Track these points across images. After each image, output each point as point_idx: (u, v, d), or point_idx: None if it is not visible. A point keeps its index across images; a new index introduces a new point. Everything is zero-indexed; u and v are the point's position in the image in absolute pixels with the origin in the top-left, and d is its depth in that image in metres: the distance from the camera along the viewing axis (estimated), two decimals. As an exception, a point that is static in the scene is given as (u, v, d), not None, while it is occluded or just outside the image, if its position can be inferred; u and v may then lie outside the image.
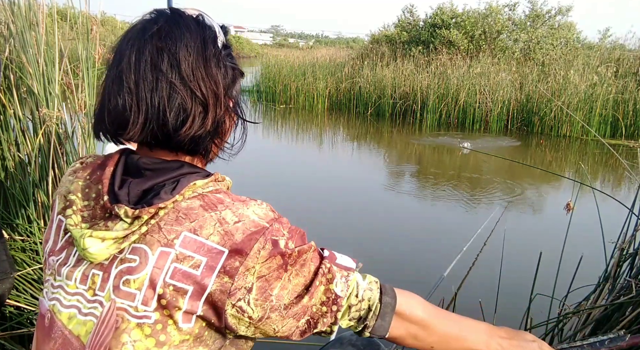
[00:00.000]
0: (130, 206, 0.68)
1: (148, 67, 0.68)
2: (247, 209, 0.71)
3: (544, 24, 12.40)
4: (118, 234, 0.67)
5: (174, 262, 0.66)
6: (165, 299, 0.66)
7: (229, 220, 0.68)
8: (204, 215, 0.68)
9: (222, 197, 0.72)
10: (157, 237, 0.67)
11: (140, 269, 0.67)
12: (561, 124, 9.23)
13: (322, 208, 4.92)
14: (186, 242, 0.67)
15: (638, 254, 1.67)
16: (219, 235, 0.67)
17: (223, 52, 0.74)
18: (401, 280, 3.38)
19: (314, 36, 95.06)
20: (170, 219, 0.68)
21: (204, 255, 0.66)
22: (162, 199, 0.68)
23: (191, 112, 0.69)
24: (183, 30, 0.70)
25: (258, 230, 0.69)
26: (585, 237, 2.51)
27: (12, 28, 2.31)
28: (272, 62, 13.05)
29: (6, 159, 2.36)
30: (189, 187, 0.70)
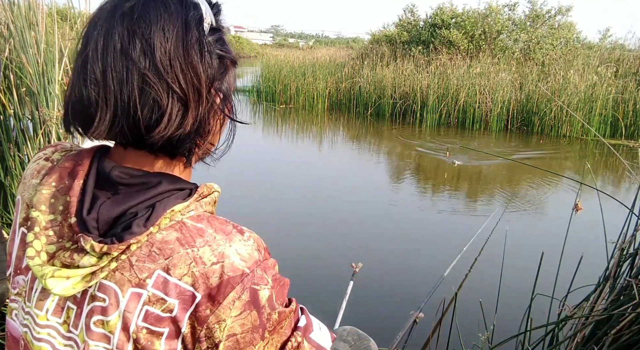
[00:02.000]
0: (98, 240, 0.58)
1: (117, 55, 0.56)
2: (229, 247, 0.61)
3: (544, 24, 12.41)
4: (85, 271, 0.59)
5: (146, 304, 0.59)
6: (139, 343, 0.59)
7: (206, 260, 0.59)
8: (179, 251, 0.59)
9: (203, 228, 0.61)
10: (128, 276, 0.59)
11: (111, 311, 0.59)
12: (561, 124, 9.23)
13: (322, 208, 4.92)
14: (159, 282, 0.59)
15: (638, 254, 1.67)
16: (193, 277, 0.58)
17: (210, 38, 0.62)
18: (401, 280, 3.38)
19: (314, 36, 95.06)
20: (143, 255, 0.59)
21: (175, 298, 0.58)
22: (134, 233, 0.58)
23: (167, 110, 0.57)
24: (160, 10, 0.58)
25: (236, 277, 0.59)
26: (586, 237, 2.51)
27: (12, 28, 2.31)
28: (272, 62, 13.05)
29: (6, 159, 2.36)
30: (166, 216, 0.60)
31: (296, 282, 2.81)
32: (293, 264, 3.52)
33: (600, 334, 1.58)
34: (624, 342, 1.50)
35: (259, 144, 8.16)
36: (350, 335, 1.19)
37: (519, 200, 5.40)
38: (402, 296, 3.15)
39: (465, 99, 9.83)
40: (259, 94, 13.06)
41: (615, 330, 1.53)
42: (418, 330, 2.50)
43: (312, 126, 9.95)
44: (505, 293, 2.21)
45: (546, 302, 1.91)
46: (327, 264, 3.58)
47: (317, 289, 3.22)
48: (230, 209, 4.62)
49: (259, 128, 9.66)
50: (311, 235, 4.16)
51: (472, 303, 2.32)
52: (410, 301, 2.85)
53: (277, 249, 3.59)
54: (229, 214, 1.33)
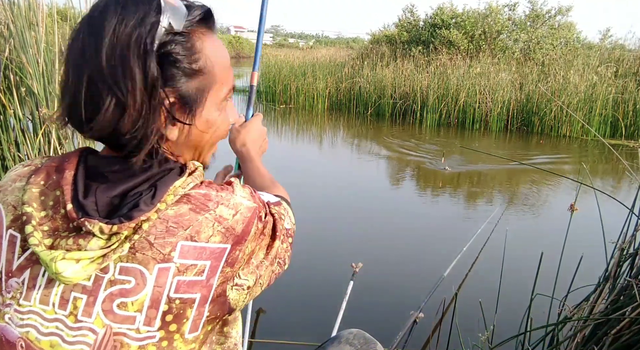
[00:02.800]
0: (105, 221, 0.60)
1: (78, 55, 0.61)
2: (237, 196, 0.69)
3: (544, 24, 12.41)
4: (96, 254, 0.60)
5: (176, 275, 0.62)
6: (171, 313, 0.63)
7: (226, 216, 0.66)
8: (197, 219, 0.64)
9: (207, 193, 0.67)
10: (151, 254, 0.62)
11: (138, 290, 0.62)
12: (561, 124, 9.23)
13: (322, 208, 4.92)
14: (185, 251, 0.62)
15: (638, 254, 1.67)
16: (221, 234, 0.65)
17: (166, 40, 0.62)
18: (401, 280, 3.38)
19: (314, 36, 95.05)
20: (160, 232, 0.62)
21: (207, 259, 0.64)
22: (142, 210, 0.61)
23: (103, 108, 0.60)
24: (118, 13, 0.60)
25: (253, 214, 0.69)
26: (586, 237, 2.51)
27: (12, 28, 2.31)
28: (272, 62, 13.05)
29: (6, 159, 2.36)
30: (169, 192, 0.64)
31: (296, 282, 2.82)
32: (293, 263, 3.51)
33: (601, 334, 1.58)
34: (624, 342, 1.50)
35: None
36: (357, 339, 1.19)
37: (518, 201, 5.40)
38: (402, 296, 3.15)
39: (465, 99, 9.83)
40: (259, 94, 13.06)
41: (615, 330, 1.53)
42: (418, 330, 2.50)
43: (312, 126, 9.95)
44: (505, 293, 2.21)
45: (546, 302, 1.91)
46: (327, 264, 3.58)
47: (317, 289, 3.21)
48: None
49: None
50: (311, 235, 4.16)
51: (472, 303, 2.32)
52: (410, 301, 2.85)
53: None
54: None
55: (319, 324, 2.76)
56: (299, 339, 2.58)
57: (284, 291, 3.12)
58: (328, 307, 2.80)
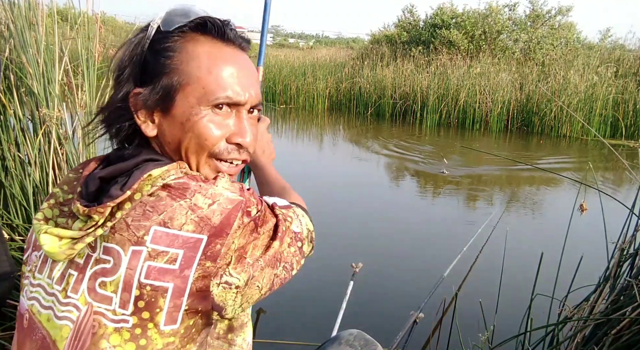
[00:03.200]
0: (83, 203, 0.64)
1: None
2: (217, 187, 0.67)
3: (544, 24, 12.41)
4: (73, 234, 0.64)
5: (147, 260, 0.62)
6: (143, 300, 0.62)
7: (201, 204, 0.64)
8: (172, 204, 0.64)
9: (187, 182, 0.67)
10: (127, 236, 0.63)
11: (114, 271, 0.63)
12: (561, 124, 9.23)
13: (321, 208, 4.92)
14: (157, 236, 0.62)
15: (638, 254, 1.67)
16: (194, 223, 0.63)
17: (157, 36, 0.73)
18: (401, 280, 3.38)
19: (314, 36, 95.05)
20: (138, 214, 0.63)
21: (179, 248, 0.62)
22: (111, 196, 0.63)
23: None
24: None
25: (235, 206, 0.66)
26: (586, 237, 2.51)
27: (12, 28, 2.31)
28: (272, 62, 13.05)
29: (6, 159, 2.36)
30: (144, 180, 0.65)
31: (296, 282, 2.80)
32: (293, 264, 3.51)
33: (601, 334, 1.58)
34: (624, 342, 1.50)
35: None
36: (357, 340, 1.18)
37: (519, 201, 5.40)
38: (402, 296, 3.15)
39: (466, 99, 9.83)
40: (259, 94, 13.05)
41: (615, 330, 1.53)
42: (418, 330, 2.50)
43: (312, 126, 9.95)
44: (506, 293, 2.21)
45: (546, 302, 1.91)
46: (327, 264, 3.58)
47: (317, 289, 3.21)
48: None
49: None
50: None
51: (472, 303, 2.32)
52: (410, 301, 2.85)
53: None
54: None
55: (318, 324, 2.75)
56: (299, 339, 2.58)
57: (284, 291, 3.11)
58: (328, 307, 2.79)
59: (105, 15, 16.67)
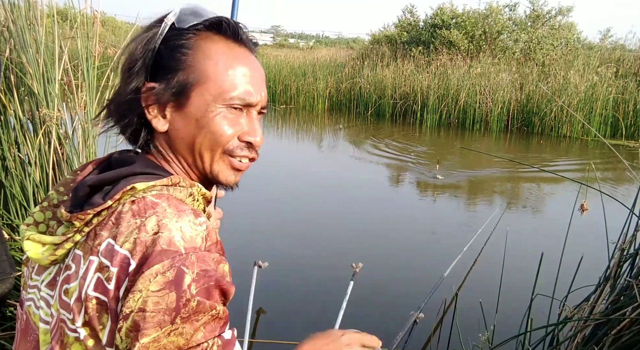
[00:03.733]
0: (68, 209, 0.64)
1: None
2: (175, 223, 0.60)
3: (544, 25, 12.41)
4: (54, 240, 0.63)
5: (97, 271, 0.60)
6: (88, 314, 0.59)
7: (148, 228, 0.60)
8: (129, 221, 0.61)
9: (159, 202, 0.62)
10: (91, 244, 0.62)
11: (74, 278, 0.61)
12: (561, 124, 9.23)
13: (321, 208, 4.92)
14: (107, 249, 0.60)
15: (638, 254, 1.67)
16: (133, 244, 0.59)
17: (171, 33, 0.72)
18: (401, 280, 3.38)
19: (314, 36, 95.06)
20: (104, 224, 0.62)
21: (115, 266, 0.59)
22: (92, 204, 0.62)
23: None
24: None
25: (168, 251, 0.58)
26: (586, 237, 2.50)
27: (12, 28, 2.31)
28: (273, 63, 13.06)
29: (6, 159, 2.36)
30: (126, 192, 0.63)
31: (296, 282, 2.81)
32: (293, 264, 3.51)
33: (601, 335, 1.58)
34: (624, 342, 1.50)
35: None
36: None
37: (518, 201, 5.39)
38: (402, 296, 3.15)
39: (466, 99, 9.83)
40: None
41: (615, 330, 1.52)
42: (418, 330, 2.50)
43: (312, 126, 9.95)
44: (506, 293, 2.21)
45: (546, 303, 1.91)
46: (328, 264, 3.58)
47: (317, 288, 3.21)
48: (230, 208, 4.61)
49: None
50: (311, 235, 4.16)
51: (473, 303, 2.32)
52: (411, 301, 2.85)
53: (277, 249, 3.62)
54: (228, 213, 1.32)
55: (319, 324, 2.75)
56: (299, 339, 2.58)
57: (284, 291, 3.12)
58: (328, 307, 2.79)
59: (105, 15, 16.68)
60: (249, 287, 2.73)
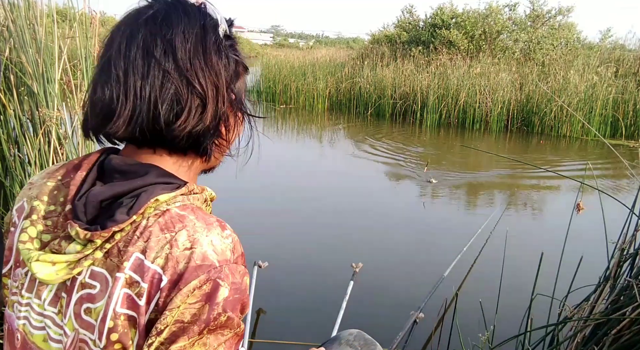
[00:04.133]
0: (83, 226, 0.60)
1: (139, 53, 0.60)
2: (205, 237, 0.61)
3: (544, 24, 12.41)
4: (69, 258, 0.60)
5: (124, 287, 0.58)
6: (116, 332, 0.58)
7: (180, 244, 0.59)
8: (158, 235, 0.60)
9: (186, 214, 0.62)
10: (116, 261, 0.60)
11: (100, 298, 0.60)
12: (561, 124, 9.24)
13: (322, 208, 4.92)
14: (135, 264, 0.59)
15: (638, 254, 1.67)
16: (165, 259, 0.58)
17: (225, 42, 0.67)
18: (401, 280, 3.38)
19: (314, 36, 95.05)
20: (128, 239, 0.60)
21: (146, 282, 0.58)
22: (116, 221, 0.59)
23: (187, 105, 0.61)
24: (181, 15, 0.63)
25: (203, 266, 0.59)
26: (586, 237, 2.50)
27: (12, 28, 2.31)
28: (272, 62, 13.06)
29: (6, 159, 2.36)
30: (150, 205, 0.61)
31: (296, 282, 2.81)
32: (294, 264, 3.52)
33: (601, 334, 1.58)
34: (624, 342, 1.50)
35: (258, 144, 8.15)
36: (357, 340, 1.17)
37: (518, 200, 5.40)
38: (402, 296, 3.15)
39: (466, 99, 9.83)
40: (259, 94, 13.07)
41: (615, 330, 1.53)
42: (418, 330, 2.50)
43: (312, 126, 9.95)
44: (506, 293, 2.21)
45: (546, 302, 1.91)
46: (328, 264, 3.58)
47: (317, 289, 3.21)
48: (230, 209, 4.61)
49: (258, 128, 9.63)
50: (312, 236, 4.16)
51: (473, 303, 2.32)
52: (411, 301, 2.85)
53: (277, 249, 3.61)
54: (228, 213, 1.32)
55: (319, 323, 2.75)
56: (299, 339, 2.58)
57: (284, 291, 3.12)
58: (328, 307, 2.79)
59: (105, 15, 16.68)
60: (249, 287, 2.73)
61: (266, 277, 3.01)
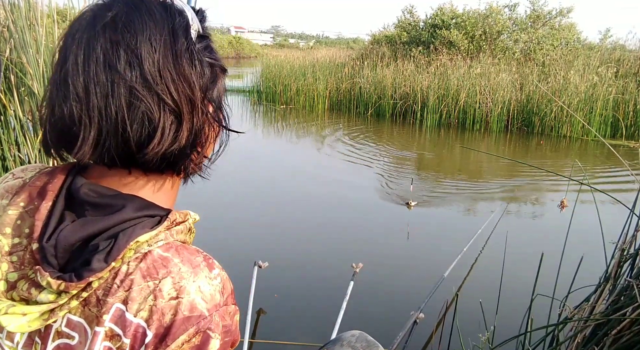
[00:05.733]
0: (55, 275, 0.54)
1: (100, 67, 0.53)
2: (193, 282, 0.55)
3: (544, 25, 12.41)
4: (42, 309, 0.54)
5: (105, 340, 0.54)
6: None
7: (165, 294, 0.54)
8: (140, 283, 0.54)
9: (170, 257, 0.56)
10: (95, 311, 0.55)
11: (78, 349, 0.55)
12: (561, 124, 9.24)
13: (322, 208, 4.92)
14: (116, 316, 0.54)
15: (639, 254, 1.67)
16: (148, 311, 0.54)
17: (198, 45, 0.59)
18: (402, 280, 3.38)
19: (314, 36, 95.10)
20: (107, 287, 0.55)
21: (129, 337, 0.53)
22: (93, 270, 0.53)
23: (159, 123, 0.54)
24: (145, 18, 0.55)
25: (192, 318, 0.54)
26: (586, 237, 2.50)
27: (13, 29, 2.32)
28: (273, 63, 13.07)
29: (6, 159, 2.36)
30: (130, 247, 0.55)
31: (296, 283, 2.81)
32: (294, 264, 3.52)
33: (601, 335, 1.58)
34: (624, 342, 1.50)
35: (259, 144, 8.17)
36: (359, 342, 1.17)
37: (518, 200, 5.39)
38: (402, 296, 3.15)
39: (466, 99, 9.83)
40: (259, 94, 13.08)
41: (615, 330, 1.53)
42: (418, 330, 2.50)
43: (312, 127, 9.95)
44: (506, 293, 2.21)
45: (547, 303, 1.91)
46: (328, 264, 3.58)
47: (317, 289, 3.21)
48: (231, 208, 4.62)
49: (259, 128, 9.66)
50: (312, 236, 4.16)
51: (473, 304, 2.32)
52: (411, 301, 2.85)
53: (277, 249, 3.62)
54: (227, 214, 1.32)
55: (319, 324, 2.75)
56: (300, 340, 2.58)
57: (284, 292, 3.12)
58: (328, 307, 2.79)
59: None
60: (249, 287, 2.73)
61: (266, 277, 3.01)
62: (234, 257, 3.37)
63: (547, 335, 1.80)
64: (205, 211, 4.96)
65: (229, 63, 32.49)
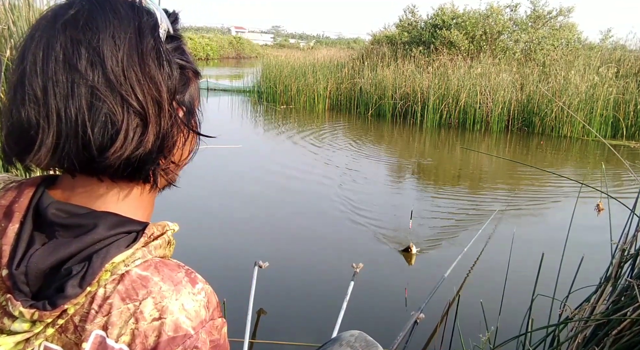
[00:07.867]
0: (28, 304, 0.51)
1: (60, 67, 0.50)
2: (175, 301, 0.53)
3: (545, 25, 12.41)
4: (17, 339, 0.52)
5: None
6: None
7: (147, 315, 0.52)
8: (119, 307, 0.52)
9: (149, 276, 0.54)
10: (74, 339, 0.52)
11: None
12: (562, 124, 9.24)
13: (322, 208, 4.92)
14: (96, 343, 0.51)
15: (639, 254, 1.67)
16: (130, 335, 0.51)
17: (168, 46, 0.56)
18: (402, 280, 3.38)
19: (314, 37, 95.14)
20: (85, 313, 0.52)
21: None
22: (67, 297, 0.51)
23: (123, 126, 0.51)
24: (109, 16, 0.52)
25: (177, 338, 0.52)
26: (587, 238, 2.50)
27: (13, 28, 2.32)
28: (273, 63, 13.07)
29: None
30: (106, 268, 0.52)
31: (296, 283, 2.81)
32: (294, 264, 3.52)
33: (602, 335, 1.58)
34: (625, 342, 1.50)
35: (259, 144, 8.17)
36: (358, 342, 1.17)
37: (519, 201, 5.39)
38: (402, 296, 3.15)
39: (466, 99, 9.83)
40: (260, 94, 13.08)
41: (616, 331, 1.52)
42: (419, 331, 2.50)
43: (312, 127, 9.95)
44: (507, 294, 2.21)
45: (547, 303, 1.91)
46: (328, 264, 3.58)
47: (317, 289, 3.21)
48: (231, 209, 4.62)
49: (259, 128, 9.66)
50: (312, 236, 4.16)
51: (473, 304, 2.32)
52: (411, 302, 2.85)
53: (277, 249, 3.62)
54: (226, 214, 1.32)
55: (319, 324, 2.75)
56: (300, 340, 2.58)
57: (284, 292, 3.12)
58: (328, 307, 2.79)
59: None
60: (249, 287, 2.73)
61: (267, 277, 3.01)
62: (234, 257, 3.37)
63: (547, 336, 1.80)
64: (206, 211, 4.93)
65: (230, 63, 32.48)
